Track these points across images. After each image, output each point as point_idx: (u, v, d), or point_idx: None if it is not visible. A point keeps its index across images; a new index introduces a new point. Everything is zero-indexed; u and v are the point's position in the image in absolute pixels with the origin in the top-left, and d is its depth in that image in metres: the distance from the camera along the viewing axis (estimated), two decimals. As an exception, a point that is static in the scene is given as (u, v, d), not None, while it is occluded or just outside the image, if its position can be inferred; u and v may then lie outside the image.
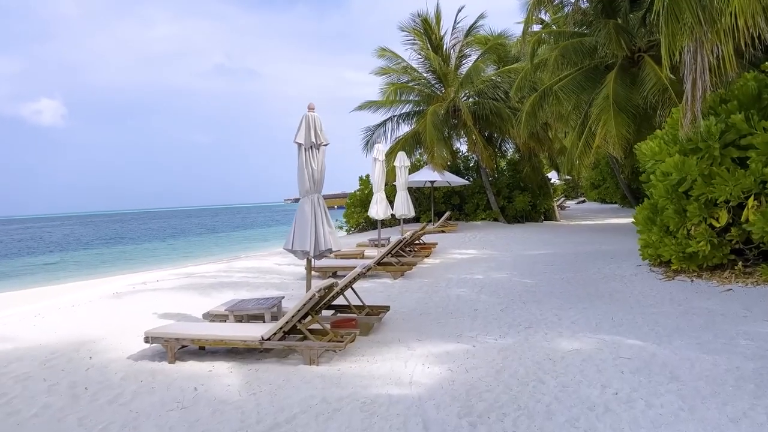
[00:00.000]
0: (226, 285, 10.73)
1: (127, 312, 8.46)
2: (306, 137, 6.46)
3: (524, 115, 18.29)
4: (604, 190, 37.91)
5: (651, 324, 6.55)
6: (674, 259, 8.93)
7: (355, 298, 7.27)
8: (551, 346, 5.93)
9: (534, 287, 9.28)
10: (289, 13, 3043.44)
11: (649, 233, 9.49)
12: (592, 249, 13.91)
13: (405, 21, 23.04)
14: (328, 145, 6.63)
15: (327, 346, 5.64)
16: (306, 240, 6.42)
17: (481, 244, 16.43)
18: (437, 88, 23.89)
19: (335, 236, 6.63)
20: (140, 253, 30.00)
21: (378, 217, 12.29)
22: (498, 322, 7.07)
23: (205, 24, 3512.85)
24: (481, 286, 9.67)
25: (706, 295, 7.78)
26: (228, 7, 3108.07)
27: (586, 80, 17.12)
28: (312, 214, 6.46)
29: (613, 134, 15.18)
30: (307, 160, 6.48)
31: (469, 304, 8.28)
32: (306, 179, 6.47)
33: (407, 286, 9.94)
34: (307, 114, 6.52)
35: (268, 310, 6.62)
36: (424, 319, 7.49)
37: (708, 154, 8.35)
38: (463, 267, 12.04)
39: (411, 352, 5.95)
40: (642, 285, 8.78)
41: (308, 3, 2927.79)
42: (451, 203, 24.99)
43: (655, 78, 15.04)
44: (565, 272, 10.54)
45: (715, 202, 8.34)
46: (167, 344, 5.82)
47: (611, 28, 15.32)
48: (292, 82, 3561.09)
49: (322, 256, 6.65)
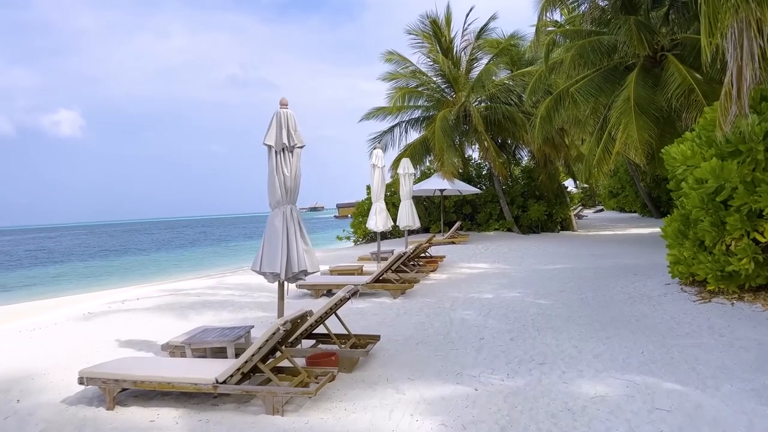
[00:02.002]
0: (208, 305, 9.78)
1: (88, 339, 7.52)
2: (277, 138, 5.48)
3: (539, 120, 17.19)
4: (623, 199, 36.49)
5: (690, 360, 5.44)
6: (711, 279, 7.79)
7: (341, 325, 6.26)
8: (570, 391, 4.86)
9: (549, 310, 8.19)
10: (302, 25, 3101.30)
11: (681, 248, 8.36)
12: (612, 263, 12.76)
13: (413, 23, 22.13)
14: (303, 148, 5.64)
15: (293, 392, 4.63)
16: (276, 260, 5.42)
17: (492, 257, 15.34)
18: (447, 93, 22.89)
19: (312, 255, 5.62)
20: (140, 265, 29.30)
21: (377, 229, 11.28)
22: (506, 356, 6.01)
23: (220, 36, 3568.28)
24: (490, 307, 8.60)
25: (752, 322, 6.64)
26: (243, 19, 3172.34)
27: (605, 81, 15.99)
28: (284, 229, 5.47)
29: (635, 138, 14.04)
30: (279, 164, 5.50)
31: (474, 330, 7.22)
32: (277, 187, 5.48)
33: (407, 307, 8.90)
34: (278, 111, 5.55)
35: (231, 343, 5.62)
36: (421, 350, 6.45)
37: (750, 158, 7.23)
38: (471, 284, 10.97)
39: (399, 397, 4.92)
40: (673, 308, 7.65)
41: (322, 15, 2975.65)
42: (463, 213, 23.88)
43: (680, 78, 13.91)
44: (585, 291, 9.43)
45: (760, 213, 7.20)
46: (105, 387, 4.85)
47: (632, 25, 14.22)
48: (306, 92, 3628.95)
49: (297, 278, 5.64)
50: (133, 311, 9.46)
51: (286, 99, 5.62)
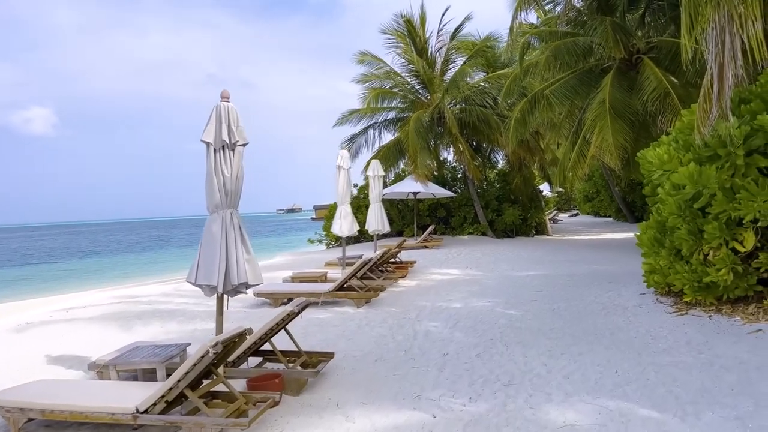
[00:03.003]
0: (157, 314, 9.12)
1: (15, 355, 6.84)
2: (216, 134, 4.91)
3: (513, 122, 16.83)
4: (598, 203, 36.48)
5: (668, 382, 5.00)
6: (687, 290, 7.40)
7: (293, 340, 5.70)
8: (536, 418, 4.38)
9: (519, 321, 7.73)
10: (284, 24, 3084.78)
11: (656, 257, 7.98)
12: (587, 270, 12.39)
13: (387, 23, 21.64)
14: (246, 146, 5.08)
15: (224, 423, 4.06)
16: (214, 271, 4.85)
17: (465, 263, 14.89)
18: (422, 94, 22.45)
19: (255, 266, 5.06)
20: (105, 267, 28.29)
21: (342, 234, 10.72)
22: (470, 375, 5.51)
23: (199, 34, 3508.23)
24: (458, 318, 8.11)
25: (732, 337, 6.24)
26: (223, 17, 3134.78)
27: (580, 84, 15.69)
28: (222, 236, 4.89)
29: (610, 142, 13.74)
30: (218, 164, 4.92)
31: (438, 345, 6.71)
32: (216, 189, 4.91)
33: (370, 318, 8.37)
34: (218, 104, 4.98)
35: (162, 364, 5.02)
36: (379, 368, 5.92)
37: (729, 163, 6.85)
38: (441, 291, 10.48)
39: (348, 426, 4.39)
40: (649, 320, 7.24)
41: (304, 15, 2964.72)
42: (437, 216, 23.43)
43: (656, 82, 13.65)
44: (557, 301, 9.00)
45: (739, 221, 6.83)
46: (9, 416, 4.23)
47: (608, 26, 13.91)
48: (286, 92, 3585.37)
49: (237, 292, 5.08)
50: (75, 321, 8.76)
51: (227, 91, 5.05)
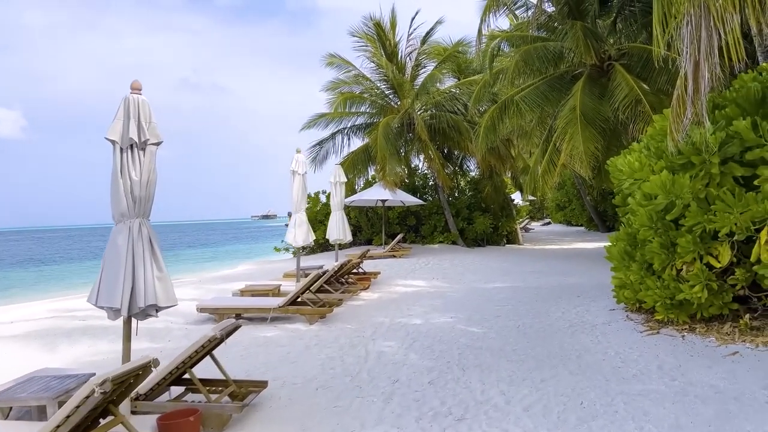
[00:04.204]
0: (89, 331, 8.30)
1: None
2: (123, 132, 4.22)
3: (482, 129, 16.36)
4: (570, 212, 36.35)
5: (638, 416, 4.44)
6: (659, 307, 6.91)
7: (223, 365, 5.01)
8: (489, 464, 3.77)
9: (480, 340, 7.15)
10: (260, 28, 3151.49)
11: (627, 271, 7.48)
12: (555, 282, 11.92)
13: (356, 26, 21.04)
14: (160, 145, 4.39)
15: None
16: (117, 291, 4.14)
17: (431, 273, 14.32)
18: (392, 99, 21.90)
19: (167, 285, 4.36)
20: (57, 276, 27.14)
21: (296, 243, 10.04)
22: (419, 408, 4.88)
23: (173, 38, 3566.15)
24: (415, 336, 7.50)
25: (706, 360, 5.74)
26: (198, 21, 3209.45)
27: (550, 90, 15.31)
28: (128, 250, 4.19)
29: (580, 150, 13.34)
30: (125, 165, 4.23)
31: (389, 369, 6.08)
32: (122, 195, 4.21)
33: (321, 336, 7.70)
34: (127, 96, 4.30)
35: (54, 401, 4.28)
36: (320, 398, 5.26)
37: (704, 172, 6.39)
38: (402, 305, 9.87)
39: (268, 475, 3.72)
40: (618, 341, 6.72)
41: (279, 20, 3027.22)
42: (407, 224, 22.85)
43: (628, 89, 13.32)
44: (523, 317, 8.46)
45: (714, 235, 6.36)
46: None
47: (578, 30, 13.55)
48: (261, 97, 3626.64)
49: (147, 315, 4.38)
50: (-4, 340, 7.91)
51: (139, 83, 4.37)
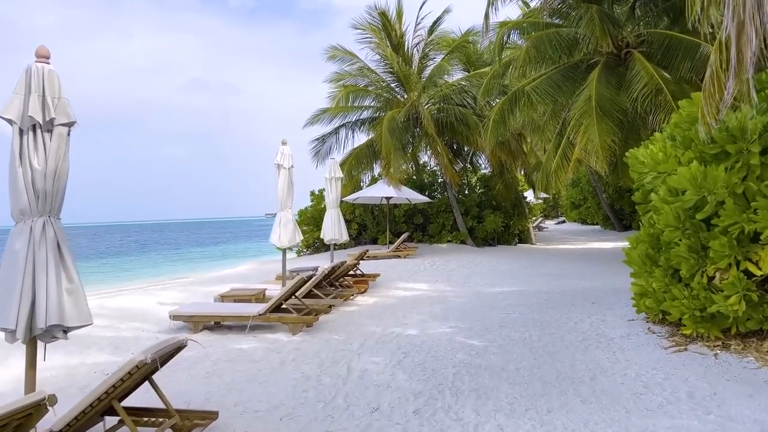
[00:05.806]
0: (49, 341, 7.54)
1: None
2: (23, 109, 3.40)
3: (491, 122, 15.41)
4: (585, 211, 35.13)
5: (667, 465, 3.55)
6: (687, 320, 5.97)
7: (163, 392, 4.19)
8: None
9: (480, 356, 6.26)
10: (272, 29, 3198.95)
11: (649, 278, 6.55)
12: (568, 286, 10.97)
13: (360, 17, 20.17)
14: (73, 126, 3.57)
15: None
16: (11, 309, 3.33)
17: (436, 275, 13.44)
18: (398, 92, 21.01)
19: (79, 300, 3.54)
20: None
21: (281, 245, 9.21)
22: (397, 447, 4.03)
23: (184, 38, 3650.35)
24: (407, 351, 6.63)
25: (746, 387, 4.81)
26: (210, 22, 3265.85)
27: (564, 80, 14.31)
28: (28, 257, 3.37)
29: (596, 143, 12.36)
30: (25, 151, 3.41)
31: (371, 393, 5.22)
32: (21, 188, 3.39)
33: (302, 350, 6.86)
34: (31, 66, 3.48)
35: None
36: (283, 431, 4.41)
37: (741, 163, 5.45)
38: (398, 312, 9.02)
39: None
40: (640, 359, 5.80)
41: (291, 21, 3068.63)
42: (414, 223, 21.96)
43: (647, 77, 12.32)
44: (529, 327, 7.55)
45: (754, 237, 5.42)
46: None
47: (594, 14, 12.57)
48: (272, 97, 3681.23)
49: (52, 337, 3.56)
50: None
51: (46, 49, 3.54)
